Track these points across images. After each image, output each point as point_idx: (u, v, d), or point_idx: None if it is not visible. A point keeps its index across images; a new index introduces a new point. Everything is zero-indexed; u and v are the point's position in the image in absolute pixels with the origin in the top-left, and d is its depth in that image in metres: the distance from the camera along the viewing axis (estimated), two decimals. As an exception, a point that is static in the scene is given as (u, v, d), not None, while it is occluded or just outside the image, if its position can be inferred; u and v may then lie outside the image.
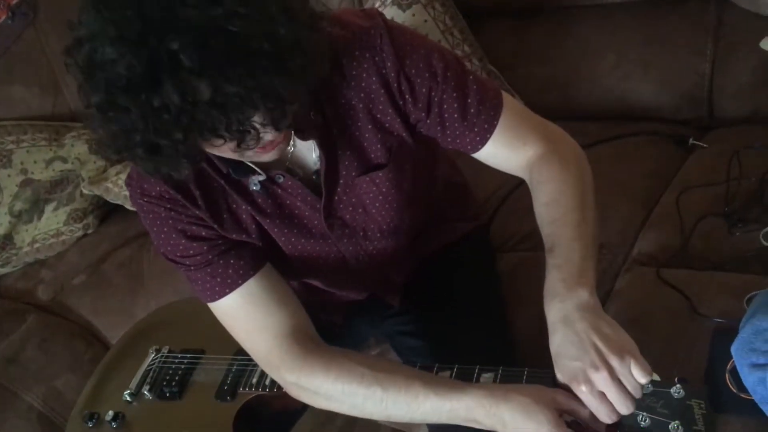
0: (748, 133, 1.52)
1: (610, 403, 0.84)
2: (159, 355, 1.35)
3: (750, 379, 0.98)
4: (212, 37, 0.70)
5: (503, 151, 1.05)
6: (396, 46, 0.95)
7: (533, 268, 1.42)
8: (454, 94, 0.99)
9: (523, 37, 1.90)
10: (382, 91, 0.97)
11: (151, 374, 1.31)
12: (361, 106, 0.98)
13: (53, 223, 2.13)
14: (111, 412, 1.28)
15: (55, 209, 2.14)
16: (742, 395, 0.98)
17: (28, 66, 2.23)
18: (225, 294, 1.00)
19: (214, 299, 1.02)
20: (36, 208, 2.13)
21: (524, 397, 0.87)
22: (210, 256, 0.99)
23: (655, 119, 1.71)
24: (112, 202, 2.09)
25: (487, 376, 0.96)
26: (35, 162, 2.15)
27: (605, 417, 0.85)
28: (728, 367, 1.01)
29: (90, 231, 2.15)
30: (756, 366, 0.98)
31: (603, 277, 1.35)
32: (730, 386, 1.00)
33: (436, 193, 1.24)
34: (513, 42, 1.90)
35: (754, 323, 1.01)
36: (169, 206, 0.97)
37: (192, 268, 1.00)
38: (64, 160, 2.16)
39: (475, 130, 1.02)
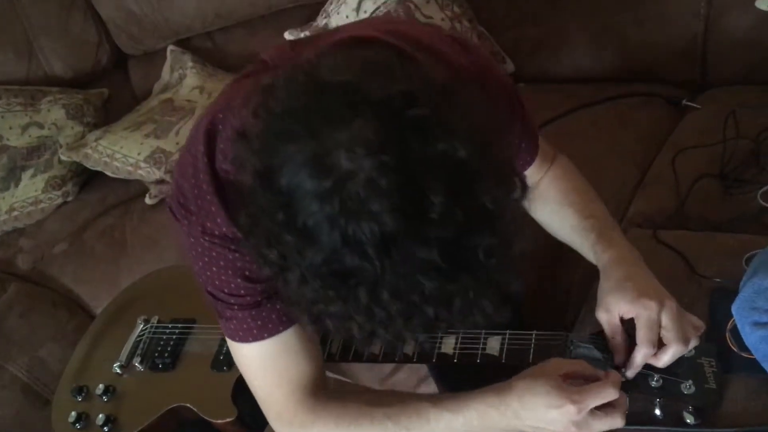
0: (741, 94, 1.52)
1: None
2: (148, 325, 1.31)
3: (752, 337, 0.98)
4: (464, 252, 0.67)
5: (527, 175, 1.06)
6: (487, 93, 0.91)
7: (527, 225, 1.41)
8: (517, 139, 0.99)
9: (514, -3, 1.87)
10: None
11: (141, 345, 1.27)
12: None
13: (31, 191, 2.07)
14: (101, 385, 1.25)
15: (33, 176, 2.08)
16: (743, 354, 0.98)
17: (1, 29, 2.16)
18: (262, 338, 0.92)
19: (246, 341, 0.92)
20: (12, 175, 2.08)
21: (524, 380, 0.85)
22: (260, 298, 0.90)
23: (647, 80, 1.70)
24: (91, 168, 2.04)
25: (493, 340, 0.94)
26: (10, 128, 2.09)
27: (648, 340, 0.86)
28: (728, 326, 1.01)
29: (70, 198, 2.10)
30: (758, 324, 0.98)
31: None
32: (731, 345, 0.99)
33: None
34: (503, 3, 1.87)
35: (755, 282, 1.01)
36: (233, 247, 0.87)
37: (236, 306, 0.91)
38: (41, 126, 2.11)
39: (520, 163, 1.03)
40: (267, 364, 0.94)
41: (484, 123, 0.69)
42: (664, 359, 0.88)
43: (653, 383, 0.89)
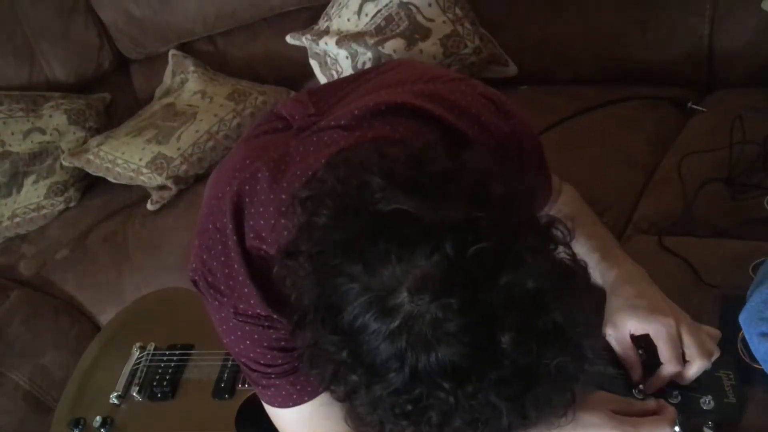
0: (747, 96, 1.50)
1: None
2: (145, 352, 1.27)
3: (761, 348, 0.96)
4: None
5: None
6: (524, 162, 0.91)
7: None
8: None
9: (516, -2, 1.85)
10: None
11: (138, 374, 1.24)
12: None
13: (33, 197, 2.06)
14: (99, 418, 1.21)
15: (35, 182, 2.07)
16: (755, 365, 0.96)
17: (2, 34, 2.15)
18: (303, 402, 0.88)
19: (286, 406, 0.89)
20: (15, 181, 2.07)
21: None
22: (296, 364, 0.87)
23: (652, 82, 1.67)
24: (93, 174, 2.03)
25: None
26: (12, 134, 2.08)
27: (675, 357, 0.84)
28: (740, 337, 0.99)
29: (72, 204, 2.09)
30: (766, 335, 0.96)
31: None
32: (743, 356, 0.97)
33: None
34: (506, 4, 1.85)
35: (763, 291, 0.99)
36: (267, 324, 0.85)
37: (273, 376, 0.88)
38: (43, 132, 2.10)
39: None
40: (311, 426, 0.90)
41: (534, 214, 0.68)
42: (689, 375, 0.86)
43: (672, 400, 0.87)
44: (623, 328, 0.88)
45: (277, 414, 0.92)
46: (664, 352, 0.86)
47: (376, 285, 0.63)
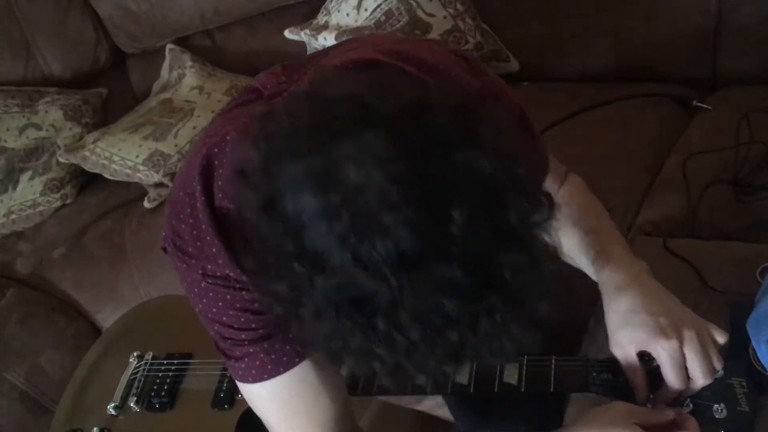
0: (753, 94, 1.48)
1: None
2: (142, 362, 1.25)
3: (768, 356, 0.94)
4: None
5: None
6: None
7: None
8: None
9: (518, -7, 1.82)
10: None
11: (136, 384, 1.21)
12: None
13: (29, 194, 2.04)
14: (96, 429, 1.19)
15: (31, 179, 2.05)
16: (766, 373, 0.94)
17: (-3, 29, 2.13)
18: (278, 374, 0.83)
19: (261, 379, 0.84)
20: (10, 177, 2.05)
21: (593, 428, 0.80)
22: (271, 331, 0.83)
23: (656, 80, 1.65)
24: (90, 171, 2.01)
25: (510, 368, 0.90)
26: (8, 129, 2.05)
27: (680, 380, 0.82)
28: (751, 344, 0.97)
29: (68, 201, 2.07)
30: (775, 342, 0.94)
31: (606, 247, 1.30)
32: (754, 363, 0.95)
33: None
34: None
35: (770, 297, 0.97)
36: (238, 285, 0.82)
37: (246, 342, 0.83)
38: (38, 127, 2.07)
39: None
40: (285, 401, 0.87)
41: (507, 136, 0.64)
42: (692, 390, 0.84)
43: (684, 408, 0.85)
44: (629, 348, 0.85)
45: (252, 392, 0.88)
46: (668, 375, 0.83)
47: (320, 161, 0.60)
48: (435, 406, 1.33)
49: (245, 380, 0.86)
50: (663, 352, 0.82)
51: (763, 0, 1.50)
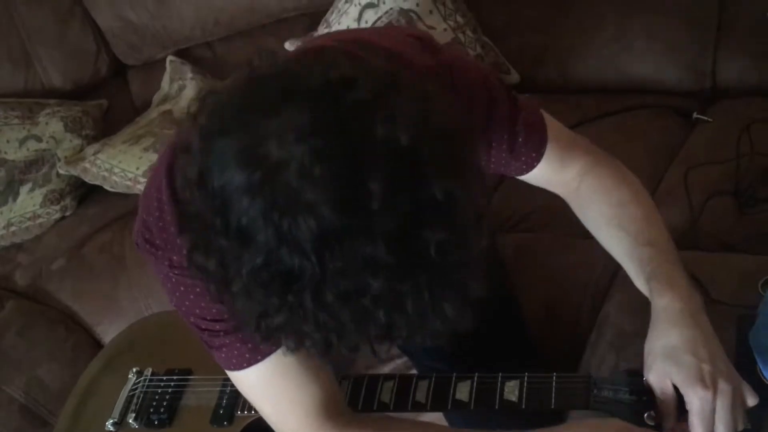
0: (753, 106, 1.48)
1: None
2: (141, 378, 1.24)
3: (772, 369, 0.94)
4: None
5: (545, 174, 0.99)
6: (458, 93, 0.87)
7: (535, 250, 1.38)
8: (505, 134, 0.92)
9: (518, 6, 1.84)
10: None
11: (135, 400, 1.20)
12: None
13: (29, 206, 2.04)
14: None
15: (31, 190, 2.05)
16: (768, 383, 0.94)
17: (-2, 40, 2.13)
18: (256, 361, 0.86)
19: (241, 367, 0.87)
20: (10, 189, 2.04)
21: None
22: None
23: (656, 92, 1.66)
24: (90, 182, 2.01)
25: (511, 385, 0.90)
26: (8, 141, 2.05)
27: (704, 429, 0.81)
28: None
29: (68, 213, 2.06)
30: (777, 355, 0.94)
31: (607, 259, 1.30)
32: (763, 379, 0.95)
33: None
34: (507, 11, 1.84)
35: (773, 310, 0.97)
36: None
37: (222, 333, 0.85)
38: (39, 139, 2.07)
39: (522, 159, 0.96)
40: (270, 386, 0.89)
41: (439, 114, 0.64)
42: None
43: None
44: (666, 380, 0.84)
45: (238, 379, 0.90)
46: (695, 422, 0.82)
47: (246, 136, 0.61)
48: (435, 419, 1.32)
49: (228, 368, 0.88)
50: (697, 402, 0.81)
51: (761, 14, 1.50)
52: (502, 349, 1.07)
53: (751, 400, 0.85)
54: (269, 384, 0.88)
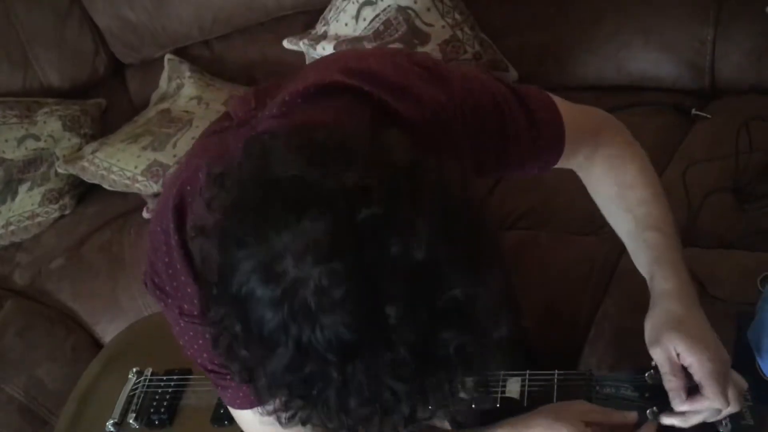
0: (752, 103, 1.48)
1: None
2: (142, 378, 1.24)
3: (770, 365, 0.94)
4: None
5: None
6: (469, 127, 0.86)
7: (533, 248, 1.38)
8: (524, 148, 0.92)
9: (517, 3, 1.83)
10: None
11: (135, 400, 1.20)
12: None
13: (28, 205, 2.03)
14: None
15: (29, 190, 2.04)
16: (768, 380, 0.94)
17: (-5, 39, 2.13)
18: (261, 404, 0.87)
19: (245, 407, 0.89)
20: (9, 188, 2.04)
21: (544, 419, 0.82)
22: None
23: (655, 89, 1.66)
24: (88, 181, 2.00)
25: (513, 381, 0.90)
26: (6, 140, 2.05)
27: (724, 400, 0.81)
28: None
29: (67, 212, 2.06)
30: (776, 351, 0.94)
31: (606, 256, 1.30)
32: (762, 375, 0.95)
33: None
34: (506, 9, 1.83)
35: (772, 306, 0.97)
36: None
37: (228, 377, 0.86)
38: (37, 138, 2.07)
39: (544, 158, 0.97)
40: (270, 428, 0.87)
41: (458, 212, 0.63)
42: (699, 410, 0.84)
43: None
44: (671, 349, 0.84)
45: (239, 415, 0.91)
46: (708, 387, 0.81)
47: (264, 251, 0.61)
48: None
49: (232, 406, 0.89)
50: (709, 364, 0.81)
51: (760, 10, 1.50)
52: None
53: (742, 384, 0.86)
54: (270, 424, 0.85)
